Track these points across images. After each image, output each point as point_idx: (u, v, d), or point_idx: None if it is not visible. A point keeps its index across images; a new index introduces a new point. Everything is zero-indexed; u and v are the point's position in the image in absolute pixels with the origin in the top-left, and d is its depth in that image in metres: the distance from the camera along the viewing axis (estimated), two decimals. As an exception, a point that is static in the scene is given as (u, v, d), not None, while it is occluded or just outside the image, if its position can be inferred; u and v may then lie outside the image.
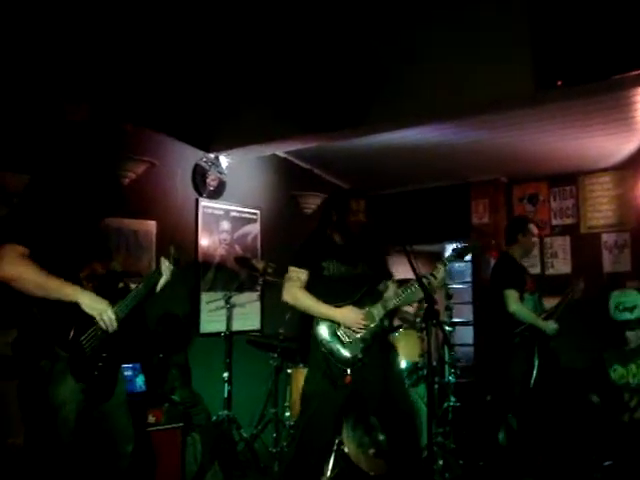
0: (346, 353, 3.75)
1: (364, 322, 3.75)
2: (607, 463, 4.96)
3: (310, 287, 3.91)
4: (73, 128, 3.79)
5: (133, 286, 3.35)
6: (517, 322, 5.06)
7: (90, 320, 3.00)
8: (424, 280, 3.65)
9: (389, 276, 4.08)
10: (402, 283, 4.20)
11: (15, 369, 2.97)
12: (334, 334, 3.78)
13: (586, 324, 6.07)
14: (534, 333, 5.04)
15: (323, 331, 3.80)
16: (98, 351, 3.06)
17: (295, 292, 3.85)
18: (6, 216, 3.12)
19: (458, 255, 3.99)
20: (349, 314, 3.75)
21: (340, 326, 3.79)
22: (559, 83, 4.01)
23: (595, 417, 5.42)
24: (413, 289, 3.81)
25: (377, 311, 3.82)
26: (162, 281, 3.51)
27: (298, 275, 3.88)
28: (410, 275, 4.30)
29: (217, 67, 5.66)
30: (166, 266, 3.52)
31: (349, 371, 3.72)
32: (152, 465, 4.24)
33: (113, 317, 3.05)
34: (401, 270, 4.36)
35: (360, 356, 3.75)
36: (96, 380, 3.04)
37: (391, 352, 4.10)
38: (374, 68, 4.97)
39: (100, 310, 3.01)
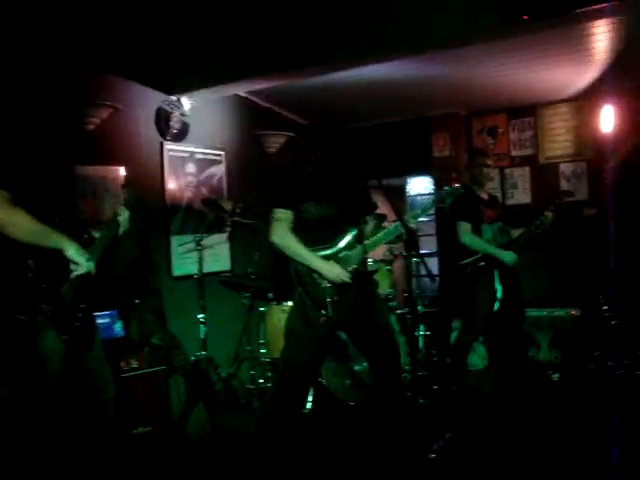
0: (322, 293, 3.75)
1: (345, 277, 3.80)
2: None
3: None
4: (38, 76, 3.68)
5: (97, 235, 3.37)
6: (470, 252, 5.20)
7: (65, 271, 3.02)
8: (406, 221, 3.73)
9: (372, 209, 4.09)
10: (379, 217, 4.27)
11: None
12: (311, 275, 3.79)
13: (547, 253, 6.31)
14: (491, 262, 5.18)
15: (302, 271, 3.81)
16: (77, 302, 3.10)
17: (285, 235, 3.81)
18: None
19: (440, 201, 4.03)
20: (333, 270, 3.75)
21: None
22: (525, 17, 4.06)
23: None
24: (392, 229, 3.85)
25: (356, 253, 3.87)
26: (121, 230, 3.51)
27: (286, 216, 3.83)
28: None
29: (177, 8, 5.54)
30: (123, 216, 3.51)
31: (323, 311, 3.74)
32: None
33: (93, 266, 3.08)
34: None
35: (336, 298, 3.75)
36: (77, 331, 3.09)
37: (372, 285, 4.15)
38: (336, 4, 4.95)
39: (86, 257, 3.04)
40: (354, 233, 3.87)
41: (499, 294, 5.21)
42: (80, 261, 3.01)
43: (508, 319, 5.37)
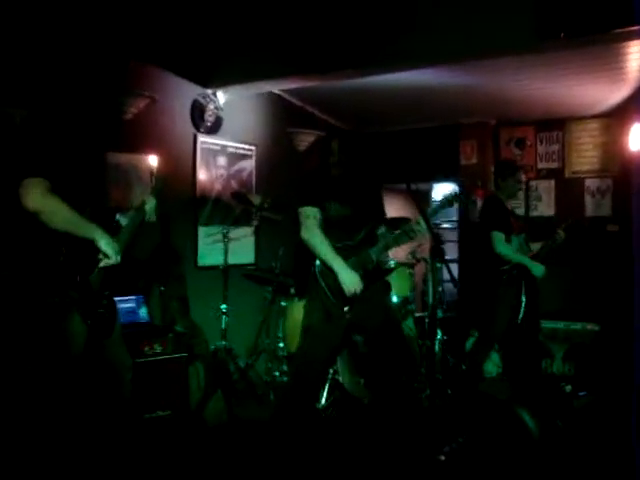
0: (342, 291, 3.84)
1: (357, 291, 3.84)
2: (582, 394, 5.28)
3: None
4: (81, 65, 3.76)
5: (123, 223, 3.45)
6: (504, 261, 5.27)
7: (93, 260, 3.10)
8: (411, 227, 3.80)
9: (382, 217, 4.17)
10: (393, 222, 4.35)
11: (22, 303, 3.09)
12: (332, 272, 3.85)
13: (568, 266, 6.35)
14: (521, 272, 5.26)
15: (323, 268, 3.88)
16: (102, 289, 3.19)
17: (314, 232, 3.88)
18: (18, 149, 3.15)
19: (448, 202, 4.08)
20: (351, 279, 3.81)
21: None
22: (562, 35, 4.12)
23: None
24: (410, 232, 3.91)
25: (375, 251, 3.93)
26: (146, 218, 3.59)
27: (314, 214, 3.91)
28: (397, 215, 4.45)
29: (217, 3, 5.65)
30: (150, 204, 3.58)
31: (346, 308, 3.85)
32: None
33: (119, 258, 3.19)
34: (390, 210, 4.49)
35: (358, 294, 3.84)
36: (101, 317, 3.18)
37: (387, 288, 4.23)
38: (375, 10, 5.02)
39: (117, 248, 3.13)
40: (370, 233, 3.97)
41: (523, 305, 5.28)
42: (110, 253, 3.09)
43: (525, 330, 5.43)
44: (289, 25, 5.43)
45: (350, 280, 3.81)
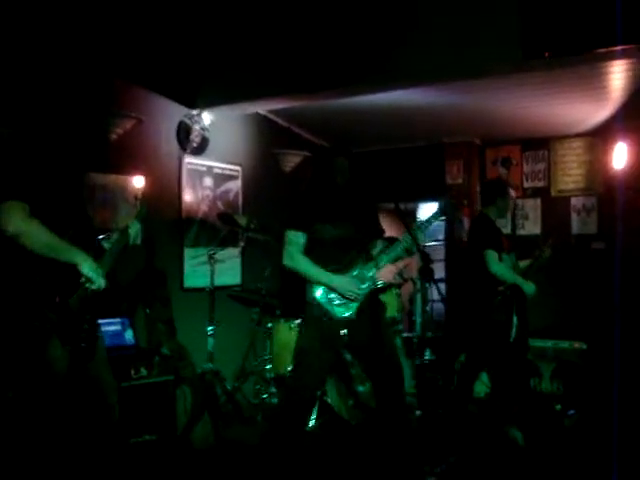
0: (340, 313, 3.82)
1: (358, 291, 3.85)
2: (571, 412, 5.26)
3: (305, 249, 3.95)
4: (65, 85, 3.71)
5: (106, 246, 3.38)
6: (498, 281, 5.23)
7: (75, 282, 3.03)
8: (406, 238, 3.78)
9: (381, 234, 4.15)
10: (388, 241, 4.33)
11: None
12: (328, 295, 3.84)
13: (554, 284, 6.36)
14: (514, 292, 5.23)
15: (318, 292, 3.85)
16: (83, 313, 3.10)
17: (295, 257, 3.88)
18: None
19: (433, 217, 4.04)
20: (345, 285, 3.80)
21: None
22: (547, 54, 4.16)
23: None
24: (400, 248, 3.89)
25: (369, 272, 3.92)
26: (130, 241, 3.51)
27: (296, 239, 3.90)
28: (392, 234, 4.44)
29: (203, 24, 5.66)
30: (134, 229, 3.52)
31: (342, 332, 3.80)
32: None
33: (103, 282, 3.12)
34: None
35: (354, 317, 3.83)
36: (81, 341, 3.10)
37: (380, 307, 4.20)
38: (358, 31, 5.05)
39: (99, 272, 3.06)
40: (363, 254, 3.94)
41: (514, 325, 5.25)
42: (93, 277, 3.03)
43: (515, 349, 5.41)
44: (275, 46, 5.45)
45: (345, 286, 3.80)
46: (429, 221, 3.96)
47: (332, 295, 3.85)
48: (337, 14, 5.12)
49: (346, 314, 3.84)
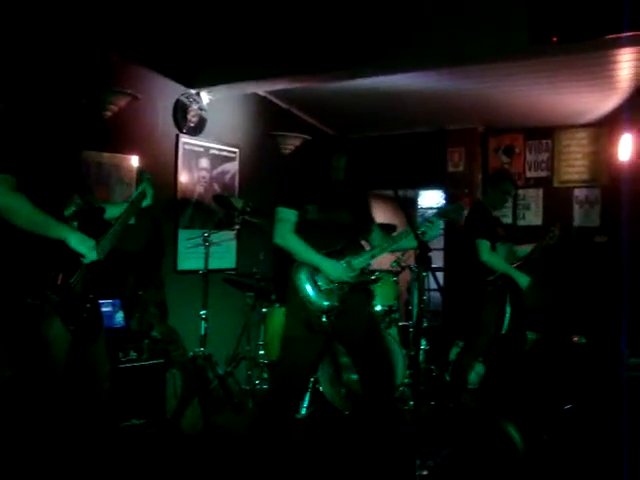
0: (323, 300, 3.74)
1: (345, 278, 3.76)
2: (567, 407, 5.18)
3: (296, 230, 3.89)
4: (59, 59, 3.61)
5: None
6: (490, 271, 5.17)
7: (75, 261, 2.97)
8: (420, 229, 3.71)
9: (371, 222, 4.10)
10: (383, 228, 4.25)
11: None
12: (312, 280, 3.77)
13: (555, 277, 6.27)
14: (506, 282, 5.17)
15: (301, 277, 3.77)
16: (85, 292, 3.04)
17: (287, 235, 3.82)
18: None
19: (443, 214, 3.99)
20: (337, 268, 3.74)
21: (318, 273, 3.77)
22: (554, 39, 4.04)
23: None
24: (398, 239, 3.81)
25: (358, 261, 3.83)
26: (146, 202, 3.51)
27: (288, 216, 3.83)
28: (386, 221, 4.36)
29: (204, 1, 5.54)
30: (149, 190, 3.50)
31: (324, 318, 3.72)
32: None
33: (101, 254, 3.04)
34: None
35: (336, 304, 3.75)
36: (85, 322, 3.03)
37: (369, 297, 4.14)
38: (363, 12, 4.93)
39: (90, 246, 2.98)
40: (354, 243, 3.87)
41: (507, 315, 5.19)
42: (83, 251, 2.96)
43: (511, 341, 5.34)
44: (276, 25, 5.32)
45: (334, 270, 3.73)
46: (432, 220, 3.89)
47: (317, 280, 3.77)
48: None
49: (329, 302, 3.75)
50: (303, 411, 5.08)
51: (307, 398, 5.15)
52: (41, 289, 2.85)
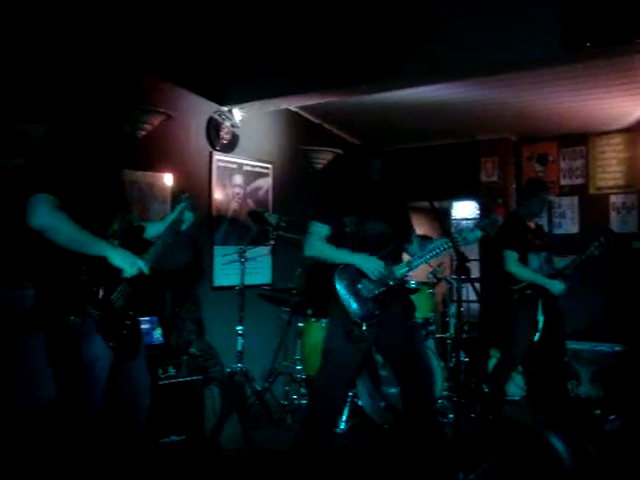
0: (363, 308, 3.75)
1: (382, 271, 3.76)
2: (611, 417, 5.08)
3: (332, 243, 3.90)
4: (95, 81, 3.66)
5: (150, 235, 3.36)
6: (516, 280, 5.12)
7: (117, 278, 2.98)
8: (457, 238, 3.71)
9: (411, 232, 4.09)
10: (422, 239, 4.23)
11: (41, 324, 2.94)
12: (353, 289, 3.77)
13: (593, 285, 6.18)
14: (537, 291, 5.10)
15: (341, 286, 3.77)
16: (126, 309, 3.05)
17: (314, 243, 3.85)
18: (31, 166, 3.02)
19: (481, 228, 3.97)
20: (369, 259, 3.75)
21: (361, 281, 3.78)
22: (588, 44, 3.99)
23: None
24: (439, 249, 3.80)
25: (399, 269, 3.83)
26: (185, 226, 3.50)
27: (318, 230, 3.87)
28: (420, 233, 4.34)
29: (234, 19, 5.59)
30: (189, 214, 3.50)
31: (365, 326, 3.72)
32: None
33: (144, 267, 3.06)
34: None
35: (377, 312, 3.75)
36: (125, 339, 3.04)
37: (410, 308, 4.13)
38: (393, 24, 4.93)
39: (131, 262, 3.00)
40: (393, 253, 3.87)
41: (540, 325, 5.12)
42: (124, 267, 2.98)
43: (548, 350, 5.27)
44: (304, 41, 5.35)
45: (368, 261, 3.74)
46: (467, 236, 3.90)
47: (359, 288, 3.77)
48: (367, 8, 5.00)
49: (371, 309, 3.75)
50: (342, 425, 5.06)
51: (346, 412, 5.13)
52: (82, 305, 2.87)
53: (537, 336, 5.12)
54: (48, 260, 2.89)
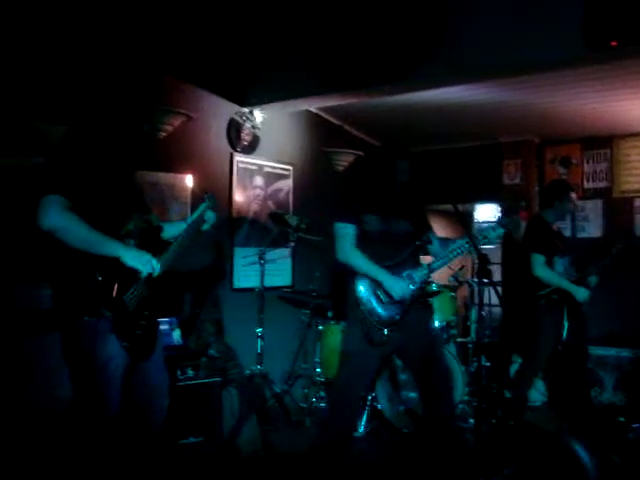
0: (384, 313, 3.71)
1: (404, 293, 3.71)
2: (635, 425, 5.00)
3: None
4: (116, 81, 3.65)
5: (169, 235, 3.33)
6: (543, 284, 5.05)
7: (132, 278, 2.96)
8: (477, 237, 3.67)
9: (430, 231, 4.04)
10: (442, 242, 4.18)
11: (57, 323, 2.94)
12: (373, 293, 3.74)
13: (617, 290, 6.08)
14: (563, 296, 5.03)
15: (362, 290, 3.74)
16: (140, 309, 3.03)
17: (349, 250, 3.78)
18: (45, 166, 2.99)
19: (503, 226, 3.93)
20: (400, 285, 3.70)
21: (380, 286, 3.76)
22: (613, 44, 3.92)
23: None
24: (460, 250, 3.76)
25: (419, 274, 3.79)
26: (207, 226, 3.49)
27: (347, 230, 3.81)
28: (442, 235, 4.30)
29: (254, 20, 5.57)
30: (211, 214, 3.49)
31: (386, 331, 3.69)
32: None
33: (157, 266, 3.03)
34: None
35: (398, 317, 3.72)
36: (139, 339, 3.03)
37: (430, 312, 4.08)
38: (414, 24, 4.88)
39: (144, 261, 2.97)
40: (415, 255, 3.83)
41: (565, 330, 5.05)
42: (137, 266, 2.95)
43: (571, 356, 5.19)
44: (325, 42, 5.31)
45: (398, 287, 3.69)
46: (488, 234, 3.84)
47: (379, 292, 3.74)
48: (387, 8, 4.96)
49: (391, 314, 3.71)
50: (361, 429, 5.02)
51: (365, 416, 5.10)
52: (95, 305, 2.86)
53: (563, 341, 5.05)
54: (63, 260, 2.88)
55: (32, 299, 4.04)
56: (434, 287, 5.48)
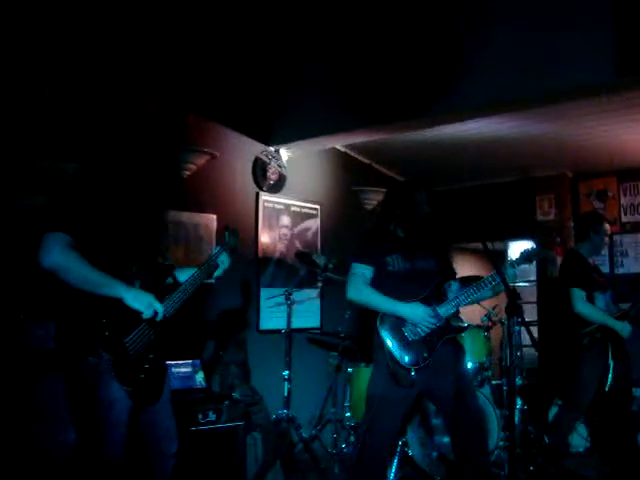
0: (411, 352, 3.59)
1: (431, 319, 3.59)
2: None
3: (375, 283, 3.75)
4: (137, 119, 3.58)
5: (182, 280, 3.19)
6: (585, 322, 4.84)
7: (135, 320, 2.87)
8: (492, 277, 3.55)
9: (453, 273, 3.92)
10: (465, 281, 4.04)
11: (60, 364, 2.88)
12: (398, 332, 3.62)
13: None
14: (607, 334, 4.81)
15: (387, 329, 3.64)
16: (144, 353, 2.92)
17: (360, 288, 3.71)
18: (50, 203, 2.95)
19: (525, 258, 3.78)
20: (416, 310, 3.59)
21: (405, 324, 3.63)
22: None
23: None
24: (485, 286, 3.62)
25: (444, 310, 3.65)
26: (219, 272, 3.34)
27: (362, 271, 3.73)
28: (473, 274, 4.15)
29: (279, 59, 5.57)
30: (221, 257, 3.35)
31: (413, 371, 3.56)
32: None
33: (161, 309, 2.92)
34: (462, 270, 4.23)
35: (425, 355, 3.59)
36: (143, 383, 2.90)
37: (460, 352, 3.92)
38: (439, 58, 4.80)
39: (146, 303, 2.87)
40: (438, 292, 3.72)
41: (611, 370, 4.81)
42: (139, 308, 2.85)
43: (615, 398, 4.94)
44: (350, 78, 5.26)
45: (413, 311, 3.60)
46: (518, 261, 3.74)
47: (404, 331, 3.62)
48: (410, 44, 4.89)
49: (417, 354, 3.58)
50: (391, 476, 4.81)
51: (395, 462, 4.88)
52: (95, 347, 2.75)
53: (609, 383, 4.81)
54: (66, 300, 2.80)
55: (38, 339, 3.95)
56: (463, 323, 5.29)
